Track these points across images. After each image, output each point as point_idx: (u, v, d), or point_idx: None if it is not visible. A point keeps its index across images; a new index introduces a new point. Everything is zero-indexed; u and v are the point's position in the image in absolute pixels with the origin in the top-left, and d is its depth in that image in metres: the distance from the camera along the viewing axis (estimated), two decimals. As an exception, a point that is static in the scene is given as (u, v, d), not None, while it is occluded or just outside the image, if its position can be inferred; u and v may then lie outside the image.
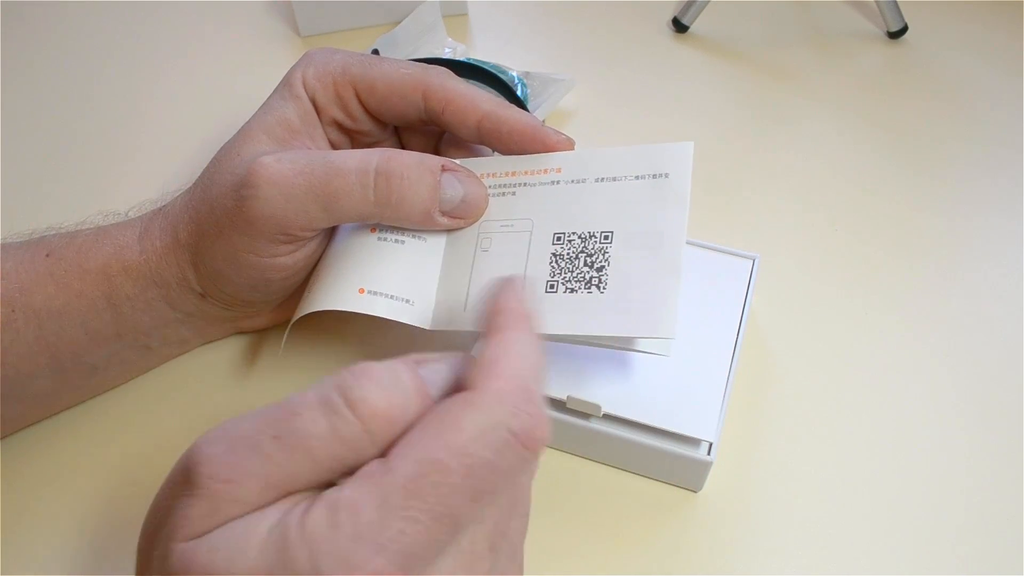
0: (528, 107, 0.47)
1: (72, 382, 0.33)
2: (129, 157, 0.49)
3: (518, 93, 0.46)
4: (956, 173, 0.48)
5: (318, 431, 0.19)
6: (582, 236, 0.29)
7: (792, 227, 0.45)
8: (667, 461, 0.32)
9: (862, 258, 0.43)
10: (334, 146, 0.34)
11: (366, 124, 0.33)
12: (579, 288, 0.28)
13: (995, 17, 0.59)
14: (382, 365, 0.21)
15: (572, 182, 0.30)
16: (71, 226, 0.35)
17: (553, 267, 0.29)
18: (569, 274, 0.28)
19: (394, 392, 0.20)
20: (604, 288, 0.28)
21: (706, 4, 0.57)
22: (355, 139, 0.35)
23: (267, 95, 0.34)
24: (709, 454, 0.31)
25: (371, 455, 0.20)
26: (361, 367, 0.20)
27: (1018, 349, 0.39)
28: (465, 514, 0.19)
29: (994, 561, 0.32)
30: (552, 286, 0.28)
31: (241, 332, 0.38)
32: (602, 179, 0.29)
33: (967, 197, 0.47)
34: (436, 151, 0.34)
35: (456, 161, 0.31)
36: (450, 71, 0.32)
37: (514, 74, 0.49)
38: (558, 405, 0.32)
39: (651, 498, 0.33)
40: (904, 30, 0.58)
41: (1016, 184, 0.48)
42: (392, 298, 0.30)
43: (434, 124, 0.33)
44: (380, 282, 0.30)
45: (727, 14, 0.59)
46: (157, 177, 0.46)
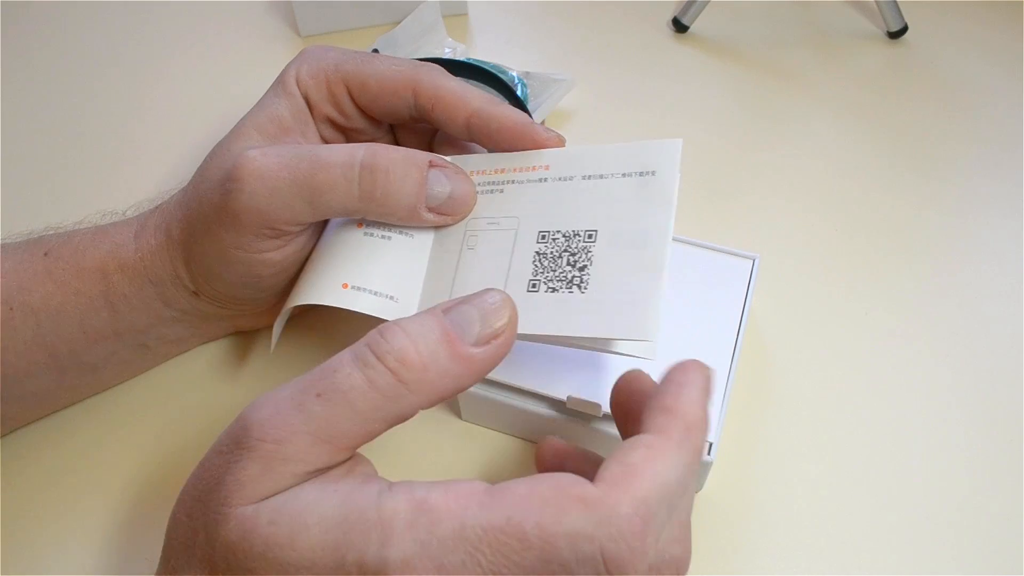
0: (528, 107, 0.47)
1: (70, 381, 0.33)
2: (129, 157, 0.49)
3: (518, 93, 0.46)
4: (956, 173, 0.48)
5: (356, 383, 0.21)
6: (566, 235, 0.28)
7: (792, 227, 0.45)
8: (667, 461, 0.32)
9: (862, 258, 0.43)
10: (328, 143, 0.34)
11: (359, 122, 0.33)
12: (560, 288, 0.27)
13: (995, 17, 0.59)
14: (410, 319, 0.22)
15: (559, 180, 0.29)
16: (70, 226, 0.35)
17: (536, 266, 0.28)
18: (552, 273, 0.28)
19: (421, 341, 0.22)
20: (585, 288, 0.27)
21: (706, 4, 0.57)
22: (349, 137, 0.34)
23: (267, 95, 0.34)
24: (709, 454, 0.31)
25: (412, 403, 0.22)
26: (388, 324, 0.22)
27: (1018, 349, 0.39)
28: None
29: (994, 561, 0.32)
30: (534, 285, 0.28)
31: (240, 331, 0.38)
32: (589, 176, 0.29)
33: (967, 197, 0.47)
34: (430, 149, 0.34)
35: (446, 158, 0.31)
36: (442, 68, 0.32)
37: (514, 74, 0.49)
38: (558, 405, 0.32)
39: (651, 498, 0.33)
40: (904, 30, 0.58)
41: (1016, 184, 0.48)
42: (376, 294, 0.29)
43: (425, 122, 0.33)
44: (364, 277, 0.30)
45: (727, 14, 0.59)
46: (157, 177, 0.46)
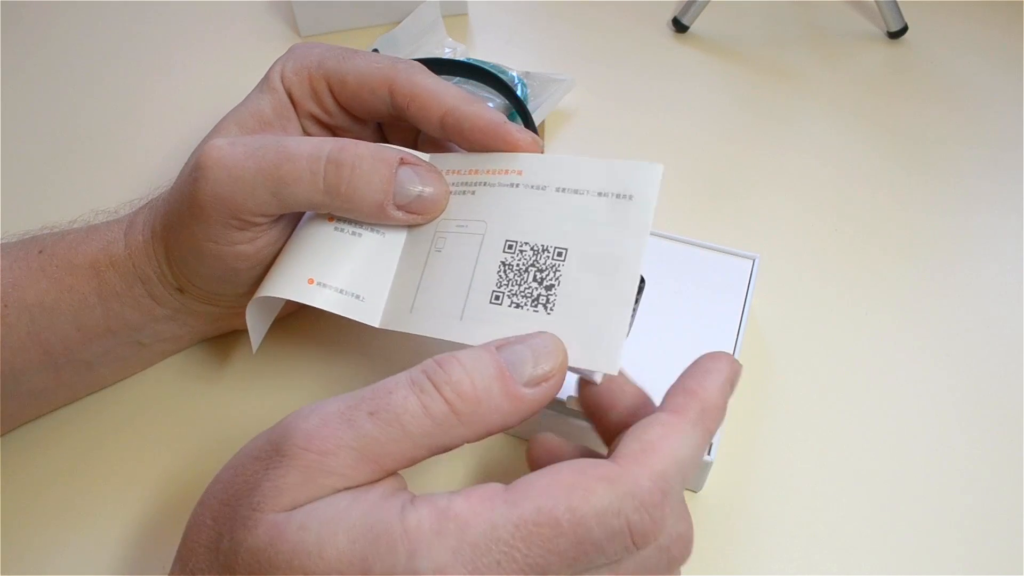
0: (528, 107, 0.47)
1: (66, 379, 0.33)
2: (129, 157, 0.49)
3: (518, 93, 0.46)
4: (956, 173, 0.48)
5: (411, 407, 0.21)
6: (535, 248, 0.27)
7: (792, 227, 0.45)
8: (667, 461, 0.32)
9: (862, 258, 0.43)
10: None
11: (343, 119, 0.33)
12: (525, 304, 0.26)
13: (995, 17, 0.59)
14: (466, 352, 0.23)
15: (532, 187, 0.27)
16: (65, 225, 0.35)
17: (500, 276, 0.27)
18: (516, 287, 0.26)
19: (477, 375, 0.22)
20: (551, 309, 0.26)
21: (706, 4, 0.57)
22: (335, 134, 0.34)
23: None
24: (709, 454, 0.31)
25: (461, 435, 0.22)
26: (447, 354, 0.22)
27: (1018, 349, 0.39)
28: (556, 574, 0.20)
29: (994, 561, 0.32)
30: (497, 297, 0.26)
31: (237, 330, 0.38)
32: (563, 189, 0.27)
33: (967, 197, 0.47)
34: (415, 148, 0.34)
35: (422, 155, 0.30)
36: (421, 65, 0.32)
37: (514, 74, 0.49)
38: (558, 405, 0.32)
39: (651, 498, 0.33)
40: (904, 30, 0.58)
41: (1016, 184, 0.48)
42: (342, 292, 0.28)
43: (401, 119, 0.32)
44: (331, 274, 0.29)
45: (727, 14, 0.59)
46: (156, 176, 0.46)
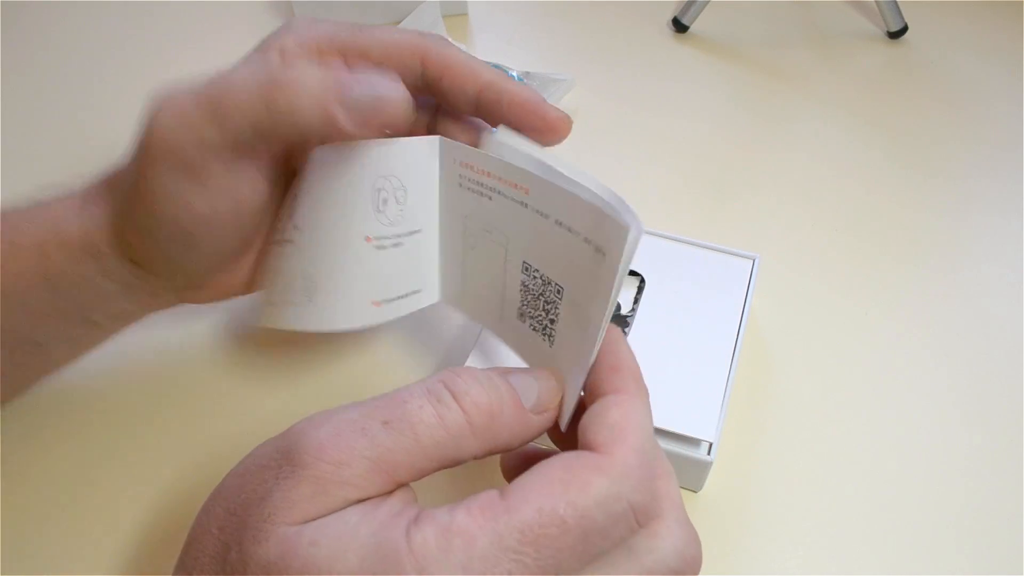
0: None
1: (18, 360, 0.32)
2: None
3: (518, 93, 0.46)
4: (956, 173, 0.48)
5: (426, 417, 0.21)
6: (543, 279, 0.26)
7: (792, 227, 0.45)
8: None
9: (862, 258, 0.43)
10: None
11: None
12: (539, 330, 0.26)
13: (995, 17, 0.59)
14: (478, 369, 0.23)
15: (537, 212, 0.25)
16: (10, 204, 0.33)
17: (523, 295, 0.27)
18: (533, 310, 0.26)
19: (492, 391, 0.22)
20: (552, 343, 0.26)
21: (706, 4, 0.57)
22: None
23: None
24: (709, 454, 0.31)
25: (471, 448, 0.22)
26: (460, 368, 0.22)
27: (1018, 349, 0.39)
28: (569, 571, 0.20)
29: (994, 561, 0.32)
30: (522, 315, 0.27)
31: (186, 302, 0.35)
32: (561, 223, 0.24)
33: (967, 197, 0.47)
34: (430, 127, 0.33)
35: (448, 139, 0.29)
36: (447, 38, 0.31)
37: (514, 74, 0.49)
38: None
39: (651, 498, 0.33)
40: (904, 30, 0.58)
41: (1016, 184, 0.48)
42: (405, 296, 0.29)
43: (429, 93, 0.31)
44: (390, 289, 0.29)
45: (727, 14, 0.59)
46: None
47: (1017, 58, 0.56)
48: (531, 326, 0.26)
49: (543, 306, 0.26)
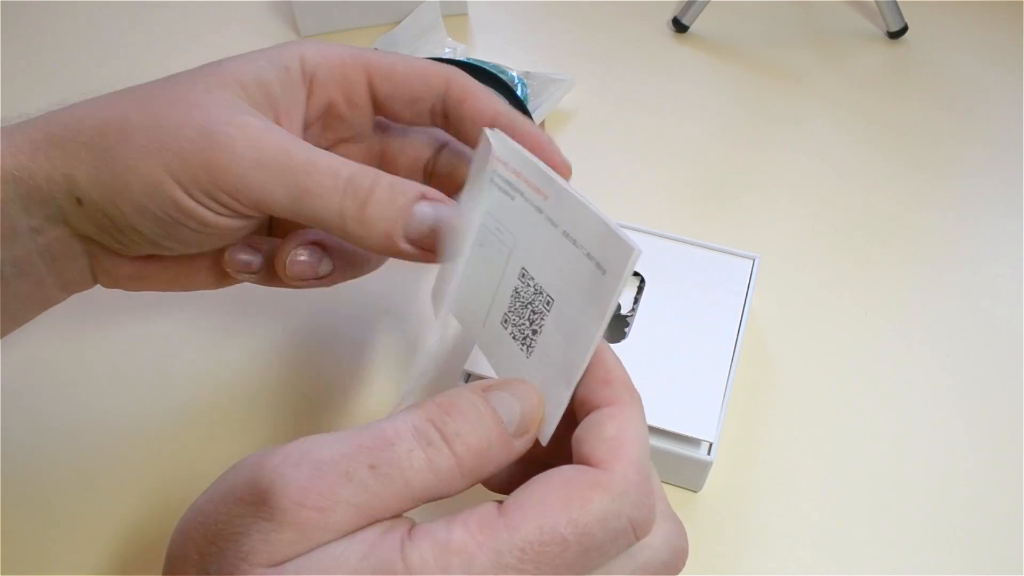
0: (528, 107, 0.47)
1: None
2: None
3: (518, 93, 0.46)
4: (956, 173, 0.48)
5: (415, 463, 0.20)
6: (536, 288, 0.25)
7: (792, 227, 0.45)
8: (667, 461, 0.32)
9: (862, 258, 0.43)
10: (306, 136, 0.31)
11: (359, 116, 0.31)
12: (518, 338, 0.26)
13: (995, 17, 0.59)
14: (463, 398, 0.22)
15: (549, 220, 0.26)
16: None
17: (511, 302, 0.26)
18: (518, 318, 0.26)
19: (481, 428, 0.21)
20: (530, 354, 0.25)
21: (706, 4, 0.57)
22: (332, 132, 0.32)
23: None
24: (709, 454, 0.31)
25: (458, 487, 0.21)
26: (446, 400, 0.21)
27: (1018, 349, 0.39)
28: None
29: (994, 561, 0.32)
30: (505, 321, 0.26)
31: (100, 280, 0.31)
32: (567, 235, 0.25)
33: (967, 197, 0.47)
34: (429, 164, 0.33)
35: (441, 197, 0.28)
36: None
37: (514, 74, 0.49)
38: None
39: (651, 498, 0.33)
40: (904, 30, 0.58)
41: (1016, 184, 0.48)
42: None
43: (444, 122, 0.31)
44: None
45: (727, 14, 0.59)
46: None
47: (1017, 58, 0.56)
48: (512, 334, 0.26)
49: (528, 315, 0.25)
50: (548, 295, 0.25)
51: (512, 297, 0.26)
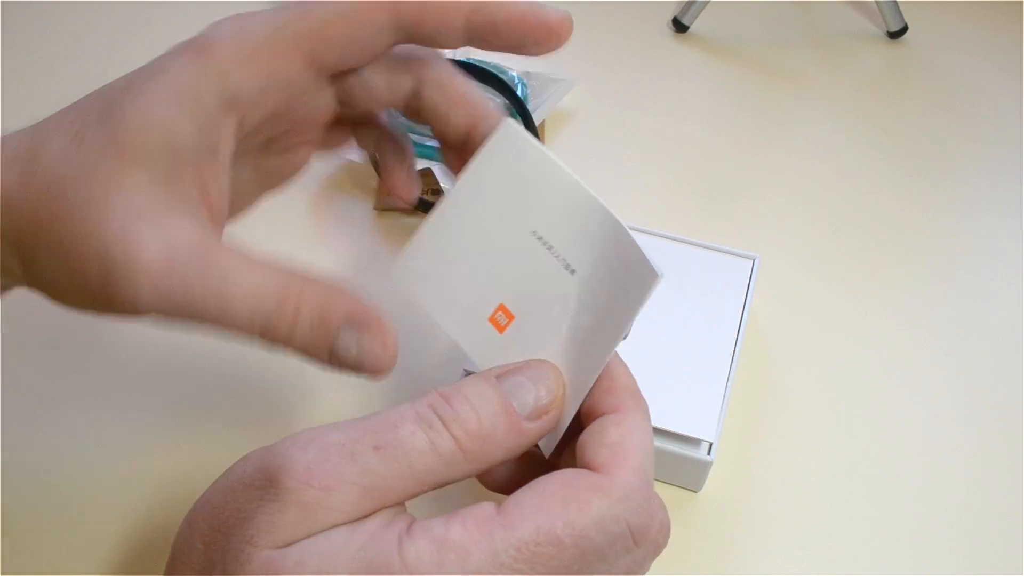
0: (528, 107, 0.47)
1: None
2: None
3: (518, 93, 0.46)
4: (956, 173, 0.48)
5: (419, 444, 0.20)
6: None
7: (792, 227, 0.45)
8: (667, 461, 0.32)
9: (862, 258, 0.43)
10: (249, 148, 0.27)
11: (308, 100, 0.27)
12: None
13: (995, 17, 0.59)
14: (469, 385, 0.22)
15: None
16: None
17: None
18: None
19: (483, 412, 0.21)
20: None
21: (706, 4, 0.57)
22: (281, 125, 0.28)
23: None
24: (709, 454, 0.31)
25: (465, 471, 0.21)
26: (450, 389, 0.22)
27: (1018, 349, 0.39)
28: None
29: (994, 561, 0.32)
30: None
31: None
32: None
33: (967, 197, 0.47)
34: (412, 96, 0.27)
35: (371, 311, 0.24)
36: None
37: (514, 74, 0.49)
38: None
39: (651, 498, 0.33)
40: (904, 30, 0.58)
41: (1016, 184, 0.48)
42: None
43: (409, 43, 0.25)
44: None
45: (727, 14, 0.59)
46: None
47: (1017, 58, 0.56)
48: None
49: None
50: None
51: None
